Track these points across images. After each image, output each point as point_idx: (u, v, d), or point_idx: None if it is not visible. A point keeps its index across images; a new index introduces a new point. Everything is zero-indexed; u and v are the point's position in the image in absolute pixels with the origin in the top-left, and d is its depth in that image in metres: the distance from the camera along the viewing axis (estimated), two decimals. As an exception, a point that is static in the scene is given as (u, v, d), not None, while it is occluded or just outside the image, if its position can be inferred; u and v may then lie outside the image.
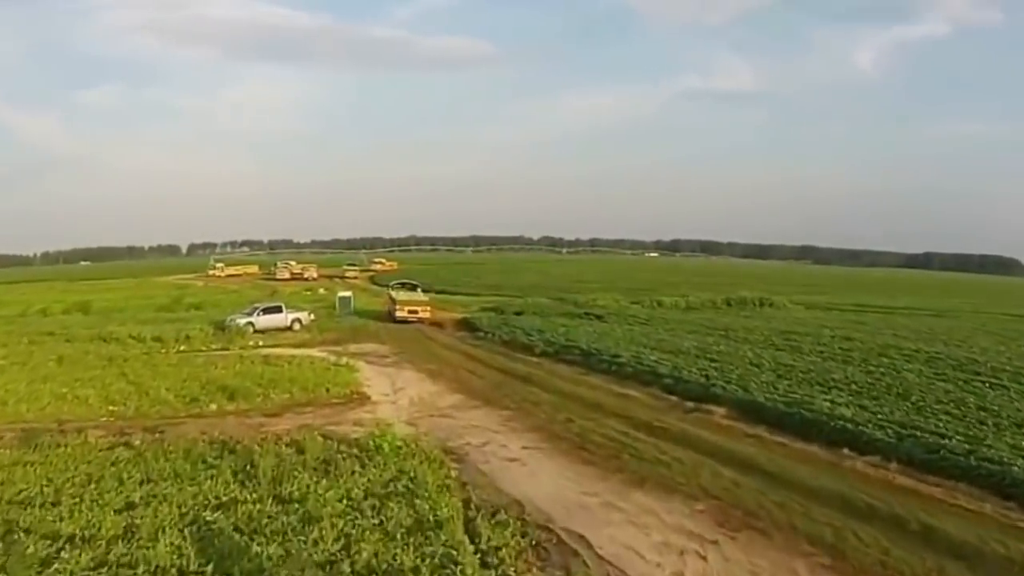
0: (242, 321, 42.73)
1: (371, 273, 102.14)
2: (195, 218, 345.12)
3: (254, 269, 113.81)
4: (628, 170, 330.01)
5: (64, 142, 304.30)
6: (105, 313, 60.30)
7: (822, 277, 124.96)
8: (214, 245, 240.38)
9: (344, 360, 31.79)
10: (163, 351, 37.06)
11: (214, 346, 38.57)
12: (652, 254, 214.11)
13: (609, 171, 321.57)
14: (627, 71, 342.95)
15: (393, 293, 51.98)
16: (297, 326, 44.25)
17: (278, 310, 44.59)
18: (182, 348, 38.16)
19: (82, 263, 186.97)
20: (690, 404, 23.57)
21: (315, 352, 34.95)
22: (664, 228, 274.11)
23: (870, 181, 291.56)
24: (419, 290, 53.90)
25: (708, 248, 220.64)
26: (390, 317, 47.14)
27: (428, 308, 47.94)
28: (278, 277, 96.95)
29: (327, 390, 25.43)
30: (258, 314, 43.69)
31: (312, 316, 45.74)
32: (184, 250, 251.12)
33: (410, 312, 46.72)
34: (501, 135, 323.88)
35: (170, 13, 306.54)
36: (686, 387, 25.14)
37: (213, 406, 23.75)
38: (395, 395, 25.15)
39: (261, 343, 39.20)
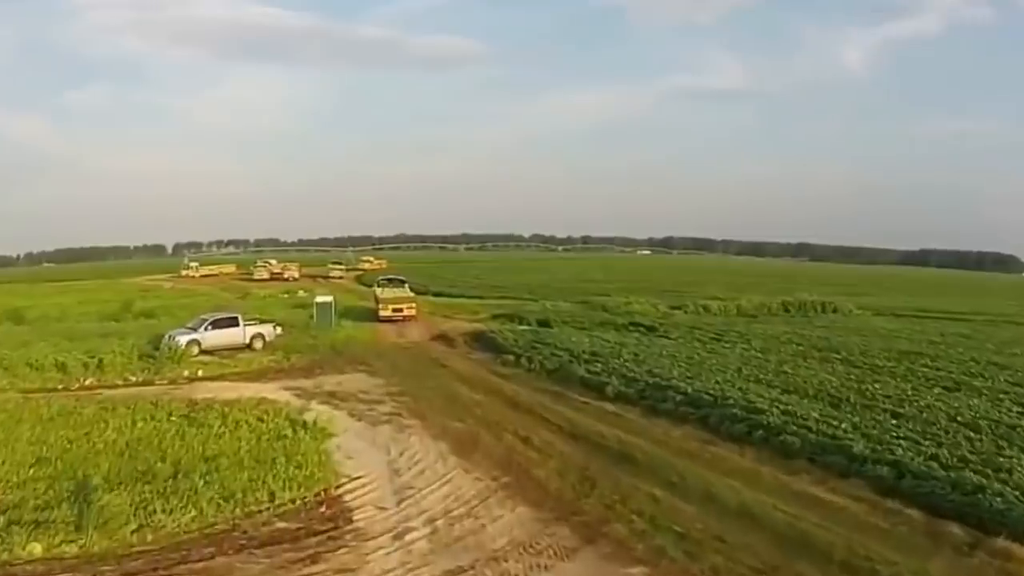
0: (183, 339, 30.14)
1: (359, 272, 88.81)
2: (183, 218, 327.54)
3: (231, 269, 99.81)
4: (619, 168, 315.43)
5: (52, 143, 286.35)
6: (40, 322, 47.69)
7: (837, 275, 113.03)
8: (200, 244, 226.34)
9: (313, 410, 19.50)
10: (60, 387, 24.88)
11: (134, 378, 26.12)
12: (645, 252, 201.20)
13: (600, 169, 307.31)
14: (618, 70, 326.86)
15: (378, 290, 44.99)
16: (259, 344, 31.72)
17: (232, 323, 31.94)
18: (88, 382, 25.74)
19: (45, 264, 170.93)
20: (957, 533, 11.78)
21: (273, 391, 22.50)
22: (656, 225, 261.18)
23: (864, 178, 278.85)
24: (406, 286, 46.81)
25: (702, 245, 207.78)
26: (375, 316, 40.41)
27: (414, 305, 41.65)
28: (256, 278, 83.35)
29: (271, 495, 13.01)
30: (206, 328, 31.08)
31: (279, 330, 33.11)
32: (170, 250, 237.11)
33: (395, 311, 40.31)
34: (491, 133, 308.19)
35: (157, 13, 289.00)
36: (924, 487, 13.45)
37: (37, 546, 11.30)
38: (400, 505, 12.78)
39: (202, 372, 26.69)
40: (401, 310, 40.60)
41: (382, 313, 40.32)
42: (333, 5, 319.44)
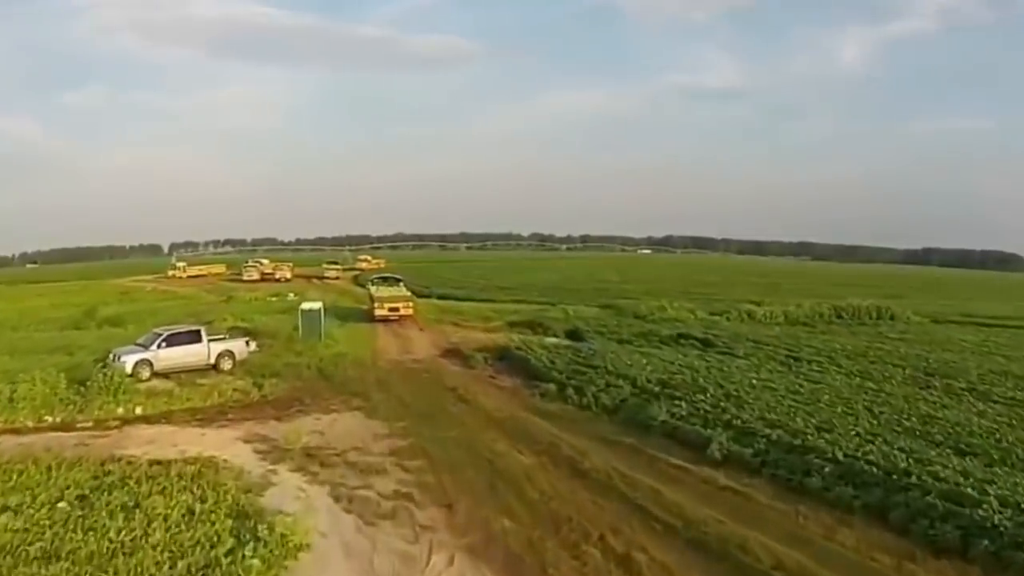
0: (130, 359, 23.12)
1: (356, 272, 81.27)
2: (180, 217, 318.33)
3: (220, 269, 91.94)
4: (617, 166, 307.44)
5: (49, 143, 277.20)
6: (-8, 331, 40.80)
7: (854, 275, 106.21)
8: (196, 244, 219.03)
9: (278, 483, 12.57)
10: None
11: (51, 418, 19.07)
12: (645, 250, 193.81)
13: (598, 167, 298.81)
14: (615, 68, 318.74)
15: (372, 289, 42.15)
16: (227, 364, 24.69)
17: (194, 338, 24.78)
18: (-10, 421, 18.76)
19: (28, 266, 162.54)
20: None
21: (228, 444, 15.50)
22: (654, 224, 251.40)
23: (864, 176, 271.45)
24: (401, 285, 43.37)
25: (701, 244, 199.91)
26: (369, 316, 37.46)
27: (411, 305, 38.38)
28: (245, 278, 75.69)
29: None
30: (159, 345, 23.99)
31: (253, 346, 26.09)
32: (166, 249, 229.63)
33: (391, 310, 37.16)
34: (489, 132, 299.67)
35: (155, 13, 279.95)
36: None
37: None
38: None
39: (140, 409, 19.55)
40: (397, 309, 37.18)
41: (378, 312, 36.92)
42: (330, 5, 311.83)
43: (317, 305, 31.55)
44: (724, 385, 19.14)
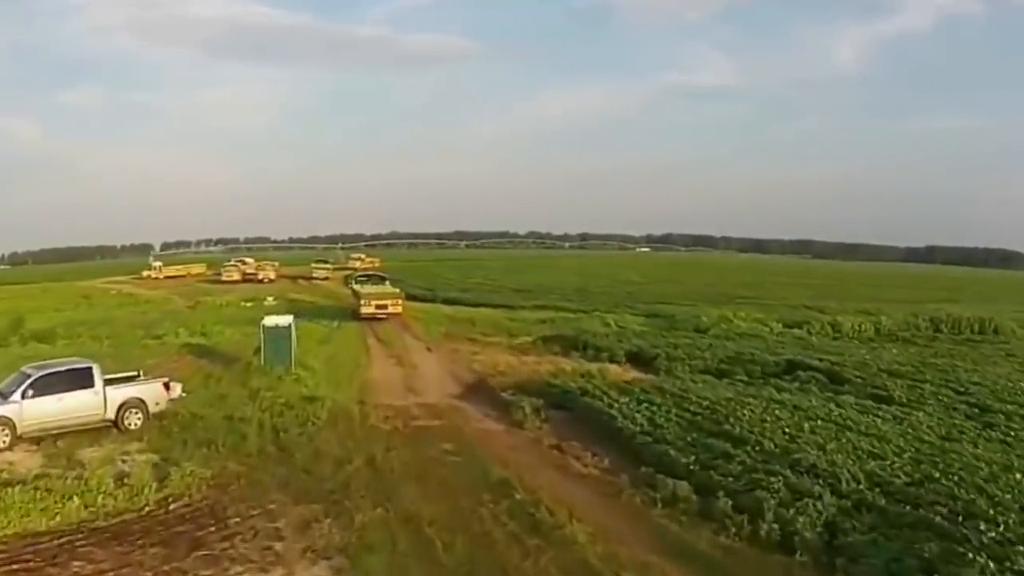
0: (-24, 417, 13.87)
1: (348, 272, 71.21)
2: (176, 217, 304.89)
3: (200, 269, 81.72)
4: (614, 165, 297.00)
5: (45, 143, 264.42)
6: None
7: (872, 275, 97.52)
8: (188, 243, 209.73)
9: None
10: None
11: None
12: (644, 248, 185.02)
13: (594, 166, 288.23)
14: (611, 67, 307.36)
15: (357, 287, 39.38)
16: (134, 419, 15.44)
17: (81, 381, 15.28)
18: None
19: (1, 267, 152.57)
20: None
21: None
22: (651, 222, 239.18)
23: (864, 175, 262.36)
24: (386, 283, 40.00)
25: (701, 242, 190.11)
26: (355, 315, 34.31)
27: (399, 303, 35.31)
28: (224, 279, 65.84)
29: None
30: (25, 394, 14.66)
31: (178, 392, 16.58)
32: (158, 248, 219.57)
33: (378, 307, 34.35)
34: (484, 131, 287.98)
35: (150, 12, 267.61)
36: None
37: None
38: None
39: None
40: (385, 307, 34.29)
41: (364, 310, 33.79)
42: (326, 4, 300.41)
43: (286, 320, 22.20)
44: (986, 489, 9.94)
